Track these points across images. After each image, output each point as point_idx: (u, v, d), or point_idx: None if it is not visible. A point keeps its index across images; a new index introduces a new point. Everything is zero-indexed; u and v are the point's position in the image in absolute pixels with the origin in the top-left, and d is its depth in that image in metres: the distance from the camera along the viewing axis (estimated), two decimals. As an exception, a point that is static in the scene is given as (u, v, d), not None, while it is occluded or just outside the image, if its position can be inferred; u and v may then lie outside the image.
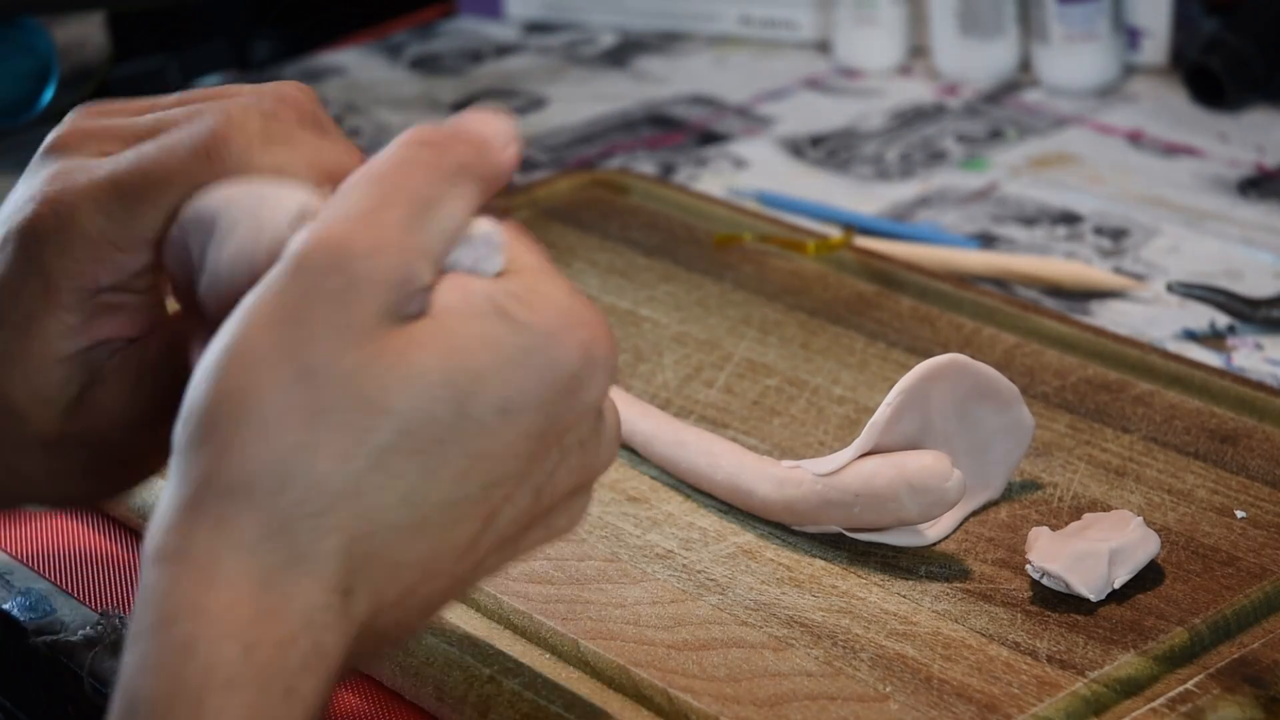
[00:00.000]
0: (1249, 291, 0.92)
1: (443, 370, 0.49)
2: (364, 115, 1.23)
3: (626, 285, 0.91)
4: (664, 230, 0.97)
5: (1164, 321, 0.92)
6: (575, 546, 0.71)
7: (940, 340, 0.85)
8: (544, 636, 0.66)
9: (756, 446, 0.76)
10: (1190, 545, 0.69)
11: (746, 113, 1.21)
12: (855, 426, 0.77)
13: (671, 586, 0.68)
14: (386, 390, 0.48)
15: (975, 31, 1.21)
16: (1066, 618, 0.65)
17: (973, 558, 0.69)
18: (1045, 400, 0.79)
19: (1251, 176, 1.07)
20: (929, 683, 0.63)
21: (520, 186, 1.05)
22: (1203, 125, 1.14)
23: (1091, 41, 1.18)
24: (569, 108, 1.23)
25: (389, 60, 1.33)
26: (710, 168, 1.12)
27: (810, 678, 0.63)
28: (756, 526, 0.72)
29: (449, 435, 0.49)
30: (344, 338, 0.48)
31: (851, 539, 0.70)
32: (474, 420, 0.49)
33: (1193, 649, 0.64)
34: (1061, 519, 0.71)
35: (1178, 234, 1.01)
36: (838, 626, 0.66)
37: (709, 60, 1.30)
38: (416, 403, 0.49)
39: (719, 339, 0.86)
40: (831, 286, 0.91)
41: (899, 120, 1.18)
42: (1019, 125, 1.16)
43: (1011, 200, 1.06)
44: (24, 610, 0.72)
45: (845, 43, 1.26)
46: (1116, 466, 0.75)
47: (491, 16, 1.39)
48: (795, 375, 0.82)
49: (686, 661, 0.64)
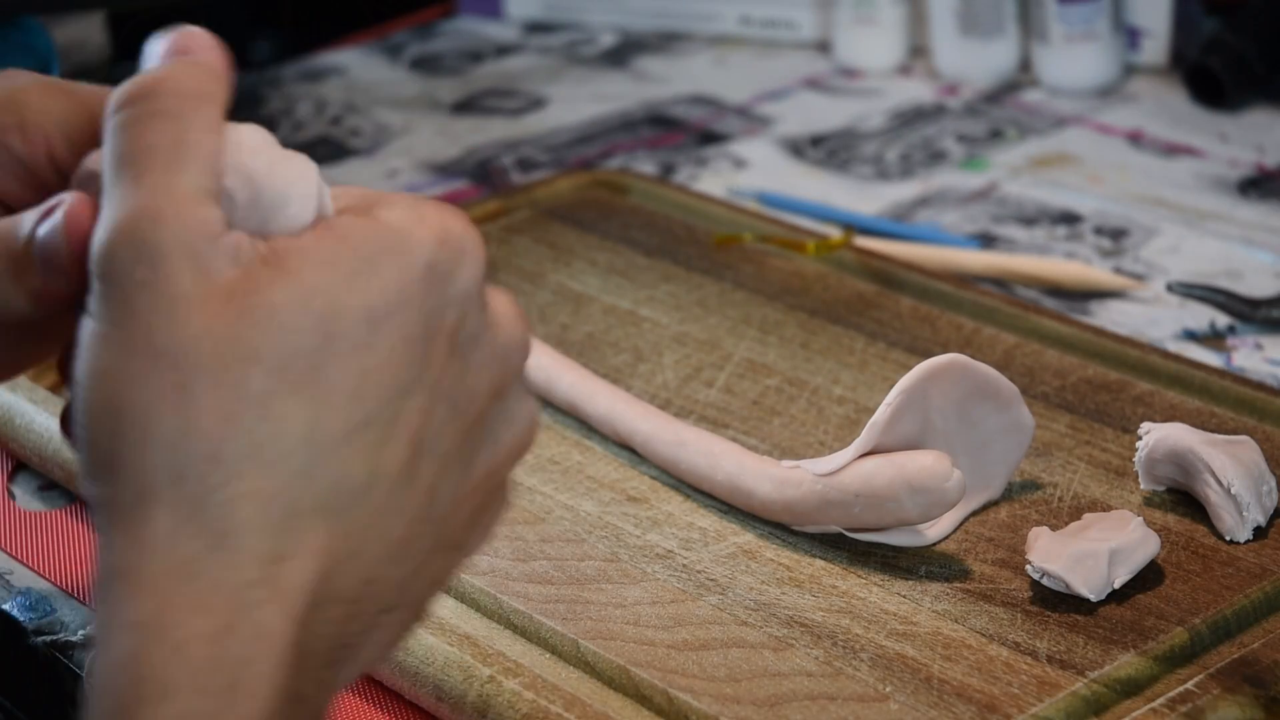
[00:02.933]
0: (1249, 291, 0.92)
1: (294, 300, 0.47)
2: (364, 115, 1.23)
3: (626, 285, 0.91)
4: (664, 230, 0.97)
5: (1164, 321, 0.92)
6: (575, 546, 0.71)
7: (940, 340, 0.85)
8: (544, 636, 0.66)
9: (756, 446, 0.76)
10: (1190, 545, 0.69)
11: (746, 113, 1.21)
12: (855, 426, 0.77)
13: (671, 586, 0.68)
14: (244, 339, 0.47)
15: (975, 31, 1.21)
16: (1066, 618, 0.65)
17: (973, 558, 0.69)
18: (1045, 400, 0.79)
19: (1251, 176, 1.07)
20: (929, 683, 0.63)
21: (520, 186, 1.05)
22: (1203, 125, 1.14)
23: (1091, 41, 1.18)
24: (569, 108, 1.23)
25: (389, 60, 1.33)
26: (710, 168, 1.12)
27: (810, 678, 0.63)
28: (756, 526, 0.72)
29: (325, 359, 0.47)
30: (177, 311, 0.47)
31: (851, 539, 0.70)
32: (343, 338, 0.48)
33: (1193, 649, 0.64)
34: (1061, 519, 0.71)
35: (1178, 234, 1.01)
36: (838, 626, 0.66)
37: (709, 60, 1.30)
38: (275, 341, 0.47)
39: (719, 339, 0.86)
40: (831, 286, 0.91)
41: (899, 120, 1.18)
42: (1019, 125, 1.16)
43: (1011, 200, 1.06)
44: (24, 610, 0.72)
45: (845, 43, 1.26)
46: (1116, 466, 0.74)
47: (491, 16, 1.39)
48: (795, 375, 0.82)
49: (686, 661, 0.64)
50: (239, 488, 0.46)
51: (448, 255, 0.50)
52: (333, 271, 0.48)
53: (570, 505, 0.73)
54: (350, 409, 0.48)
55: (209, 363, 0.47)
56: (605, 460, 0.77)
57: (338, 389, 0.48)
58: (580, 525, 0.72)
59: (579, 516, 0.73)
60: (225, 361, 0.47)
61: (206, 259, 0.48)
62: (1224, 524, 0.70)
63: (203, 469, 0.46)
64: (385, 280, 0.49)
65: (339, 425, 0.48)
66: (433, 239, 0.49)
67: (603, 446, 0.77)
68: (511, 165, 1.14)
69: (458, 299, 0.50)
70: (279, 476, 0.47)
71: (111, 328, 0.47)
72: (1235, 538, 0.69)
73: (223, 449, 0.46)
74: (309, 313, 0.48)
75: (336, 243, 0.49)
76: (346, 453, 0.48)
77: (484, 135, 1.19)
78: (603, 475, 0.76)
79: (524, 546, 0.71)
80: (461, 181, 1.12)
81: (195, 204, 0.48)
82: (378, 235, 0.49)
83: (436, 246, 0.49)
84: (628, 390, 0.80)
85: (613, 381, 0.81)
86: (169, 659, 0.45)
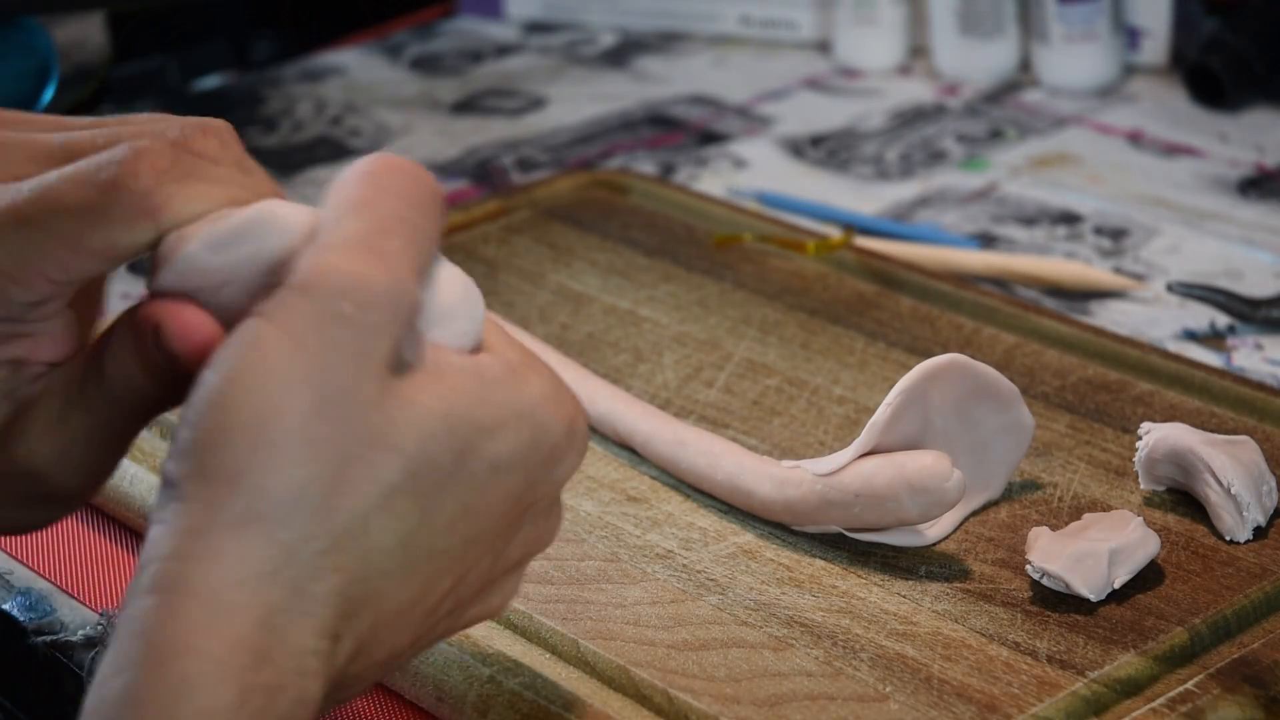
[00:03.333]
0: (1249, 291, 0.92)
1: (447, 417, 0.49)
2: (364, 115, 1.23)
3: (626, 285, 0.91)
4: (664, 230, 0.97)
5: (1164, 321, 0.92)
6: (575, 546, 0.71)
7: (940, 340, 0.85)
8: (544, 636, 0.66)
9: (756, 446, 0.76)
10: (1190, 545, 0.69)
11: (746, 113, 1.21)
12: (855, 426, 0.77)
13: (671, 586, 0.68)
14: (397, 428, 0.48)
15: (975, 31, 1.21)
16: (1066, 618, 0.65)
17: (973, 558, 0.69)
18: (1045, 400, 0.79)
19: (1251, 176, 1.07)
20: (929, 683, 0.63)
21: (520, 186, 1.05)
22: (1203, 125, 1.14)
23: (1091, 41, 1.18)
24: (569, 108, 1.23)
25: (389, 60, 1.33)
26: (710, 168, 1.12)
27: (810, 678, 0.63)
28: (756, 526, 0.72)
29: (448, 483, 0.49)
30: (362, 368, 0.47)
31: (851, 539, 0.70)
32: (470, 471, 0.50)
33: (1193, 649, 0.64)
34: (1061, 519, 0.71)
35: (1178, 234, 1.01)
36: (838, 626, 0.66)
37: (709, 60, 1.30)
38: (423, 445, 0.48)
39: (719, 339, 0.86)
40: (831, 286, 0.91)
41: (899, 120, 1.18)
42: (1019, 125, 1.16)
43: (1011, 200, 1.06)
44: (24, 610, 0.72)
45: (845, 43, 1.26)
46: (1116, 466, 0.75)
47: (491, 16, 1.39)
48: (795, 375, 0.82)
49: (686, 661, 0.64)
50: (333, 560, 0.47)
51: (566, 444, 0.52)
52: (482, 409, 0.50)
53: (570, 505, 0.73)
54: (444, 536, 0.50)
55: (363, 436, 0.47)
56: (605, 460, 0.77)
57: (445, 512, 0.49)
58: (580, 525, 0.72)
59: (579, 516, 0.73)
60: (375, 441, 0.48)
61: (401, 331, 0.49)
62: (1224, 524, 0.70)
63: (313, 527, 0.47)
64: (518, 440, 0.51)
65: (429, 545, 0.49)
66: (564, 426, 0.52)
67: (603, 446, 0.77)
68: (511, 165, 1.14)
69: (555, 482, 0.53)
70: (366, 566, 0.48)
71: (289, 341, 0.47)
72: (1235, 538, 0.69)
73: (336, 517, 0.47)
74: (454, 435, 0.49)
75: (490, 385, 0.51)
76: (422, 569, 0.50)
77: (484, 135, 1.19)
78: (603, 475, 0.76)
79: (524, 546, 0.71)
80: (461, 181, 1.12)
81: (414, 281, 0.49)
82: (524, 397, 0.51)
83: (563, 434, 0.52)
84: (628, 390, 0.80)
85: (613, 381, 0.81)
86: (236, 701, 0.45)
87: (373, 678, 0.51)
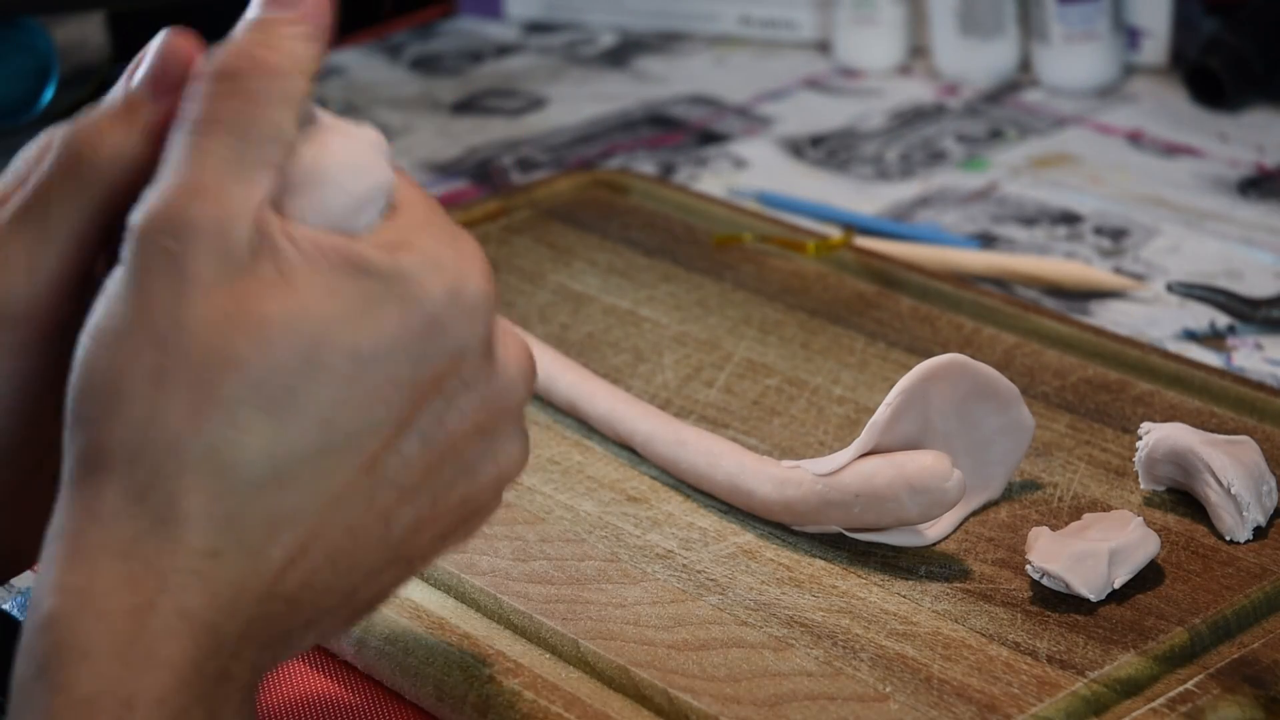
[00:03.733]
0: (1249, 291, 0.92)
1: (287, 320, 0.48)
2: (364, 115, 1.23)
3: (626, 285, 0.91)
4: (664, 230, 0.97)
5: (1164, 321, 0.92)
6: (575, 546, 0.71)
7: (940, 340, 0.85)
8: (544, 636, 0.66)
9: (756, 446, 0.76)
10: (1190, 545, 0.69)
11: (746, 113, 1.21)
12: (855, 426, 0.77)
13: (671, 586, 0.68)
14: (232, 343, 0.48)
15: (975, 31, 1.21)
16: (1066, 618, 0.65)
17: (973, 558, 0.69)
18: (1045, 400, 0.79)
19: (1251, 176, 1.07)
20: (929, 683, 0.63)
21: (520, 186, 1.05)
22: (1203, 125, 1.14)
23: (1091, 41, 1.18)
24: (569, 108, 1.23)
25: (389, 60, 1.33)
26: (710, 168, 1.12)
27: (810, 678, 0.63)
28: (756, 526, 0.72)
29: (301, 384, 0.48)
30: (184, 295, 0.48)
31: (851, 539, 0.70)
32: (324, 370, 0.49)
33: (1193, 649, 0.64)
34: (1061, 519, 0.71)
35: (1178, 234, 1.01)
36: (838, 626, 0.66)
37: (709, 60, 1.30)
38: (263, 353, 0.48)
39: (719, 339, 0.86)
40: (831, 286, 0.91)
41: (899, 120, 1.18)
42: (1019, 125, 1.16)
43: (1011, 200, 1.06)
44: (24, 610, 0.72)
45: (845, 43, 1.26)
46: (1116, 466, 0.74)
47: (491, 16, 1.40)
48: (795, 375, 0.82)
49: (686, 661, 0.64)
50: (189, 482, 0.48)
51: (453, 312, 0.50)
52: (332, 304, 0.49)
53: (570, 505, 0.73)
54: (314, 435, 0.49)
55: (193, 358, 0.48)
56: (605, 460, 0.77)
57: (306, 414, 0.49)
58: (580, 525, 0.72)
59: (579, 516, 0.73)
60: (208, 360, 0.48)
61: (231, 239, 0.48)
62: (1224, 524, 0.70)
63: (159, 457, 0.48)
64: (381, 326, 0.50)
65: (299, 448, 0.49)
66: (443, 293, 0.50)
67: (603, 446, 0.77)
68: (511, 165, 1.14)
69: (452, 351, 0.51)
70: (229, 482, 0.48)
71: (124, 290, 0.48)
72: (1235, 538, 0.69)
73: (182, 444, 0.48)
74: (298, 336, 0.48)
75: (345, 275, 0.49)
76: (300, 471, 0.49)
77: (484, 135, 1.19)
78: (603, 475, 0.76)
79: (524, 546, 0.71)
80: (461, 181, 1.12)
81: (237, 180, 0.49)
82: (388, 279, 0.50)
83: (445, 302, 0.50)
84: (628, 390, 0.80)
85: (613, 381, 0.81)
86: (92, 625, 0.47)
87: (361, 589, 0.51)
